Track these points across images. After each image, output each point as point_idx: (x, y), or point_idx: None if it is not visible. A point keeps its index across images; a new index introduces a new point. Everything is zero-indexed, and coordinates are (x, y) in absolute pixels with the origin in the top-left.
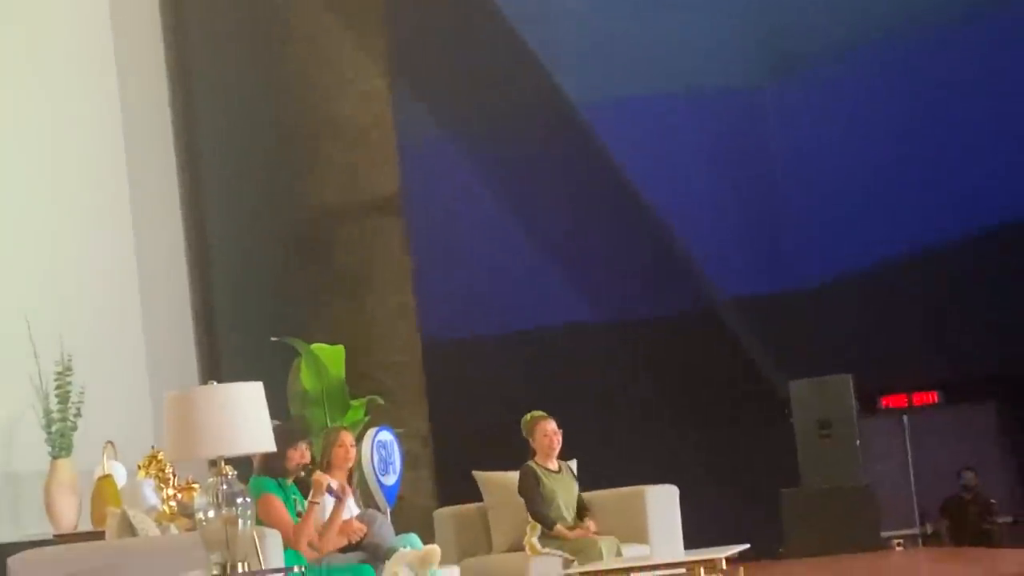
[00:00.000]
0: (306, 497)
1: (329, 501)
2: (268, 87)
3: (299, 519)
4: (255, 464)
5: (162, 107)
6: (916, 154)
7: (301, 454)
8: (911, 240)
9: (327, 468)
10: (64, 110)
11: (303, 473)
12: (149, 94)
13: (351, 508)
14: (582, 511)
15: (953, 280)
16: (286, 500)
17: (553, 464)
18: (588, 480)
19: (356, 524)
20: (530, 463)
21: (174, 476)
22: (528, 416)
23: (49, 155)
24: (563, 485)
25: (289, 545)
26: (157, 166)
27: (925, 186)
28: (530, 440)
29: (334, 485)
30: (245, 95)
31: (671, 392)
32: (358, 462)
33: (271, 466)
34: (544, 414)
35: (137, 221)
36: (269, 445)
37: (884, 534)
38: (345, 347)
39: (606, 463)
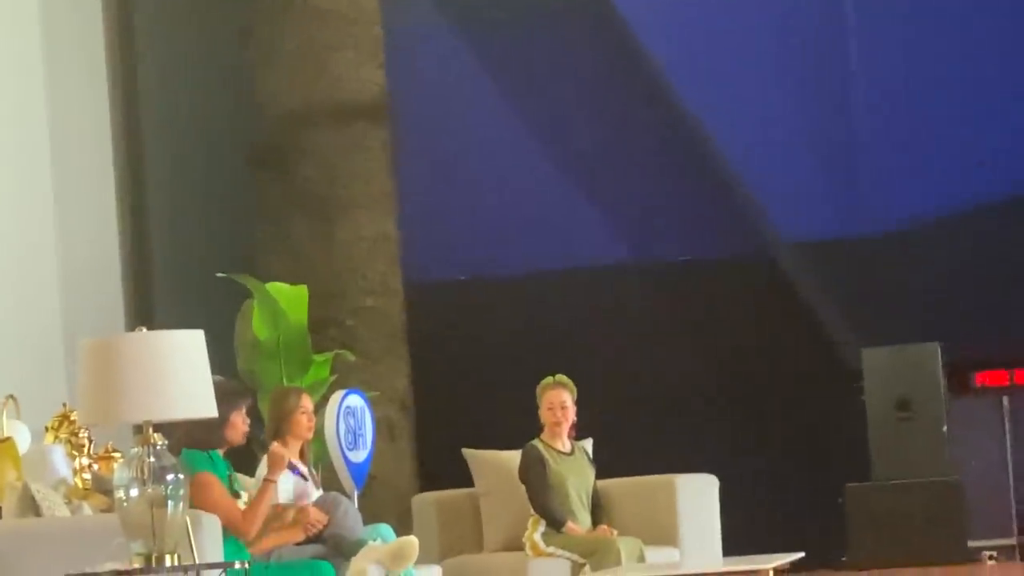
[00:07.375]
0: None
1: (289, 480)
2: None
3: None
4: (181, 433)
5: None
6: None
7: (244, 419)
8: (1017, 178)
9: (280, 439)
10: None
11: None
12: None
13: (309, 492)
14: (596, 505)
15: None
16: (221, 479)
17: (564, 444)
18: (606, 465)
19: (314, 512)
20: (535, 441)
21: (90, 442)
22: (543, 381)
23: None
24: (576, 471)
25: (238, 534)
26: (78, 53)
27: None
28: (540, 412)
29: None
30: None
31: (712, 359)
32: (319, 433)
33: (205, 435)
34: (557, 381)
35: (53, 123)
36: (209, 409)
37: (972, 543)
38: (308, 287)
39: (628, 444)
